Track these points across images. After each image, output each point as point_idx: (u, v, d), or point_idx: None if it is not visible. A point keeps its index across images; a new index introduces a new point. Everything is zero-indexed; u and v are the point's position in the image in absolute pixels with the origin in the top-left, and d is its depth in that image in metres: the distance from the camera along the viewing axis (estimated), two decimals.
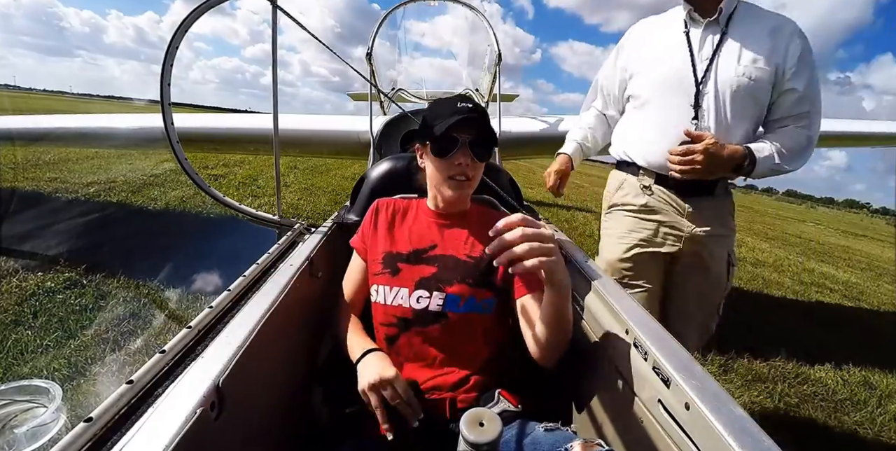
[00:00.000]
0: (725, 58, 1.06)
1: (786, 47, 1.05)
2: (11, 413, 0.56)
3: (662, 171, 1.13)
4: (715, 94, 1.07)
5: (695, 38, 1.10)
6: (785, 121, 1.11)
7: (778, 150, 1.07)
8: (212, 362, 0.51)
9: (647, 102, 1.17)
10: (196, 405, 0.44)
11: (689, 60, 1.08)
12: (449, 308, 0.83)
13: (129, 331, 1.95)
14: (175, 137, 1.17)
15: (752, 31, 1.07)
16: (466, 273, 0.86)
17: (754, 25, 1.08)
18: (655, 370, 0.61)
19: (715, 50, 1.07)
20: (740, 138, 1.09)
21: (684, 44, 1.10)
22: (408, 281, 0.86)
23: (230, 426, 0.51)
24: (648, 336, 0.66)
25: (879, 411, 2.05)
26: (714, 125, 1.07)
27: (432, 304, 0.83)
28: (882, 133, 2.95)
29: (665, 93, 1.12)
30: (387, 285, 0.86)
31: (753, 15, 1.09)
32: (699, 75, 1.07)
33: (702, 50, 1.08)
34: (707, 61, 1.07)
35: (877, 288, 5.13)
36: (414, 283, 0.85)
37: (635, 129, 1.21)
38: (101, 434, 0.46)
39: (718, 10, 1.08)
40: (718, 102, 1.06)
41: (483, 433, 0.44)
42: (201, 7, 1.14)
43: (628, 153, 1.21)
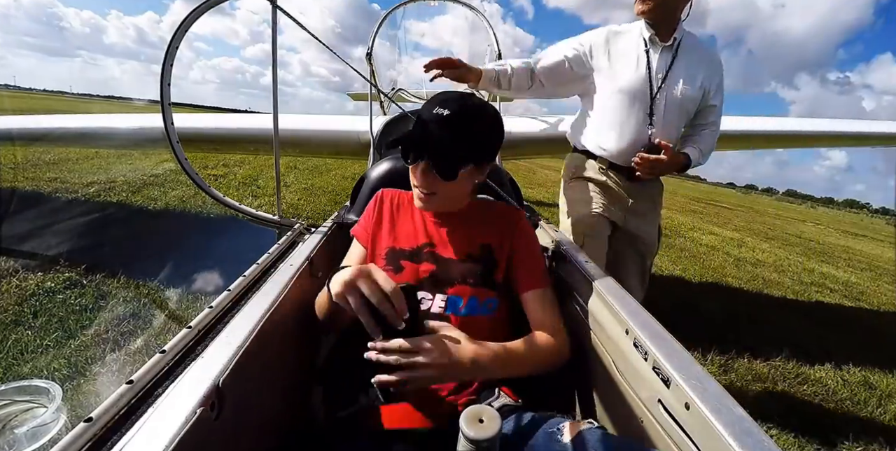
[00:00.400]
0: (674, 79, 1.36)
1: (713, 75, 1.41)
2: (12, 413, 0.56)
3: (616, 161, 1.42)
4: (664, 105, 1.36)
5: (653, 58, 1.37)
6: (704, 126, 1.49)
7: (700, 151, 1.44)
8: (212, 362, 0.51)
9: (608, 105, 1.41)
10: (196, 405, 0.44)
11: (647, 77, 1.36)
12: (451, 311, 0.81)
13: (129, 331, 1.95)
14: (175, 137, 1.17)
15: (694, 60, 1.39)
16: (466, 273, 0.84)
17: (695, 55, 1.40)
18: (655, 370, 0.61)
19: (668, 71, 1.36)
20: (675, 137, 1.44)
21: (645, 61, 1.37)
22: (410, 280, 0.83)
23: (230, 426, 0.51)
24: (648, 336, 0.66)
25: (879, 411, 2.05)
26: (662, 129, 1.37)
27: (434, 306, 0.81)
28: (882, 133, 2.95)
29: (626, 100, 1.37)
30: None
31: (694, 45, 1.41)
32: (654, 90, 1.36)
33: (658, 69, 1.36)
34: (661, 80, 1.36)
35: (877, 288, 5.13)
36: (416, 282, 0.83)
37: (598, 126, 1.45)
38: (101, 434, 0.46)
39: (673, 38, 1.37)
40: (666, 112, 1.37)
41: (483, 430, 0.45)
42: (201, 7, 1.14)
43: (588, 144, 1.47)
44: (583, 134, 1.50)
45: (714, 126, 1.49)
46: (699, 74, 1.38)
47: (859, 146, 3.40)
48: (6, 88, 74.64)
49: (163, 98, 1.12)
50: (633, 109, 1.37)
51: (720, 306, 3.35)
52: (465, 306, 0.82)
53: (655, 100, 1.35)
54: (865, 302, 4.28)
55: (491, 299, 0.84)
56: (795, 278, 4.91)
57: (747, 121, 3.06)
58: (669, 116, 1.38)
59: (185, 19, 1.13)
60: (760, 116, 6.68)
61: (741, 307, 3.43)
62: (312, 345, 0.95)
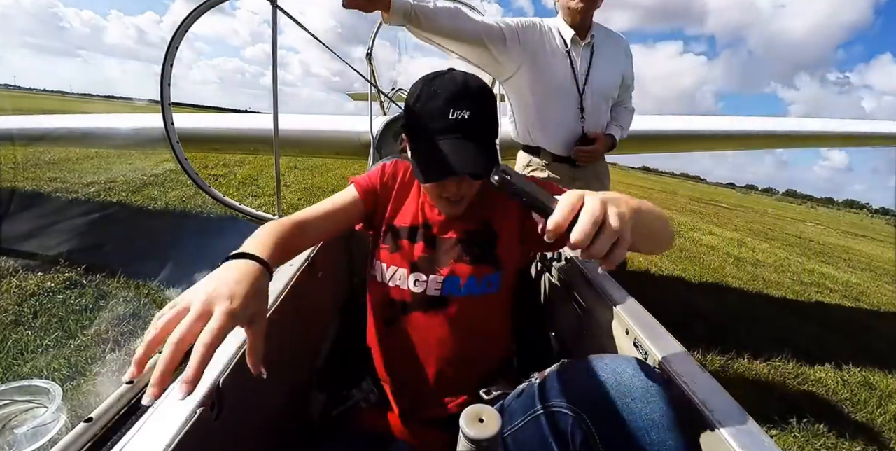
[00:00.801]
0: (597, 73, 1.49)
1: (626, 62, 1.57)
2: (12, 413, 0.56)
3: (560, 153, 1.54)
4: (592, 98, 1.49)
5: (576, 57, 1.47)
6: (621, 103, 1.65)
7: (622, 128, 1.61)
8: (212, 363, 0.51)
9: (543, 104, 1.51)
10: (196, 405, 0.44)
11: (572, 75, 1.46)
12: (449, 291, 0.78)
13: (129, 331, 1.95)
14: (175, 137, 1.17)
15: (608, 51, 1.52)
16: (463, 251, 0.80)
17: (609, 47, 1.52)
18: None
19: (589, 67, 1.48)
20: (604, 123, 1.58)
21: (567, 60, 1.47)
22: (405, 261, 0.81)
23: (230, 426, 0.51)
24: (648, 336, 0.66)
25: (879, 411, 2.05)
26: (593, 120, 1.51)
27: (430, 288, 0.78)
28: (882, 133, 2.95)
29: (559, 98, 1.48)
30: (385, 263, 0.81)
31: (606, 36, 1.52)
32: (582, 87, 1.48)
33: (581, 67, 1.48)
34: (585, 75, 1.48)
35: (877, 288, 5.13)
36: (410, 263, 0.80)
37: (536, 124, 1.55)
38: (101, 434, 0.46)
39: (591, 35, 1.48)
40: (594, 104, 1.50)
41: (483, 429, 0.44)
42: (201, 7, 1.14)
43: (531, 141, 1.58)
44: (525, 132, 1.60)
45: (629, 103, 1.68)
46: (616, 64, 1.54)
47: (859, 146, 3.40)
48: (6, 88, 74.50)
49: (163, 98, 1.12)
50: (566, 106, 1.48)
51: (720, 306, 3.35)
52: (463, 286, 0.79)
53: (584, 95, 1.48)
54: (865, 302, 4.28)
55: (490, 276, 0.80)
56: (795, 279, 4.91)
57: (747, 121, 3.06)
58: (598, 107, 1.52)
59: (185, 19, 1.13)
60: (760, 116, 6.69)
61: (741, 307, 3.43)
62: (312, 345, 0.95)
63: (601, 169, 1.67)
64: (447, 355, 0.79)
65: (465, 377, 0.80)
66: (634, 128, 1.73)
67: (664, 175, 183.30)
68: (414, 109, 0.74)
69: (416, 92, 0.74)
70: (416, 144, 0.76)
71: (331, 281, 0.99)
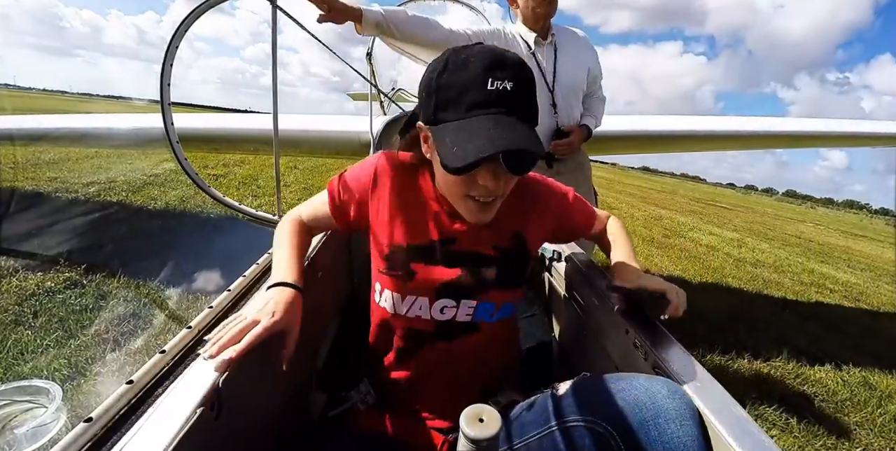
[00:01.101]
0: (563, 70, 1.55)
1: (591, 55, 1.63)
2: (11, 414, 0.56)
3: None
4: (562, 93, 1.55)
5: (540, 57, 1.53)
6: (592, 94, 1.70)
7: (595, 118, 1.67)
8: (212, 363, 0.51)
9: None
10: (196, 405, 0.44)
11: (540, 74, 1.52)
12: (480, 318, 0.71)
13: (130, 331, 1.95)
14: (175, 137, 1.17)
15: (571, 48, 1.57)
16: (498, 274, 0.71)
17: (570, 42, 1.58)
18: (656, 370, 0.61)
19: (555, 64, 1.55)
20: (577, 115, 1.63)
21: (534, 61, 1.52)
22: (427, 288, 0.69)
23: (230, 426, 0.51)
24: (648, 336, 0.66)
25: (879, 411, 2.05)
26: (566, 115, 1.58)
27: (460, 314, 0.70)
28: (882, 133, 2.95)
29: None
30: (397, 293, 0.70)
31: (565, 34, 1.59)
32: (550, 83, 1.54)
33: (547, 66, 1.54)
34: (552, 73, 1.54)
35: (876, 289, 5.13)
36: (434, 291, 0.69)
37: None
38: (101, 434, 0.46)
39: (551, 34, 1.55)
40: (565, 98, 1.56)
41: (483, 429, 0.44)
42: (201, 7, 1.14)
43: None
44: None
45: (599, 93, 1.73)
46: (580, 58, 1.60)
47: (859, 146, 3.40)
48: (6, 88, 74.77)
49: (163, 98, 1.12)
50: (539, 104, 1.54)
51: (720, 306, 3.35)
52: (497, 312, 0.73)
53: (554, 92, 1.55)
54: (865, 303, 4.28)
55: (520, 298, 0.76)
56: (795, 279, 4.91)
57: (747, 121, 3.06)
58: (568, 101, 1.59)
59: (185, 19, 1.13)
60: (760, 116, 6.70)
61: (741, 307, 3.43)
62: (312, 345, 0.95)
63: (581, 159, 1.74)
64: (459, 369, 0.75)
65: (472, 384, 0.77)
66: (634, 128, 1.76)
67: (664, 175, 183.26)
68: (438, 83, 0.59)
69: (440, 65, 0.60)
70: (441, 127, 0.59)
71: (331, 281, 0.99)
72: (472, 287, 0.70)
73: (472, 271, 0.70)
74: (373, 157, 0.75)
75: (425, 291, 0.69)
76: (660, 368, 0.60)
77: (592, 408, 0.55)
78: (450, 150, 0.56)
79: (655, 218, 8.70)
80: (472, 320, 0.71)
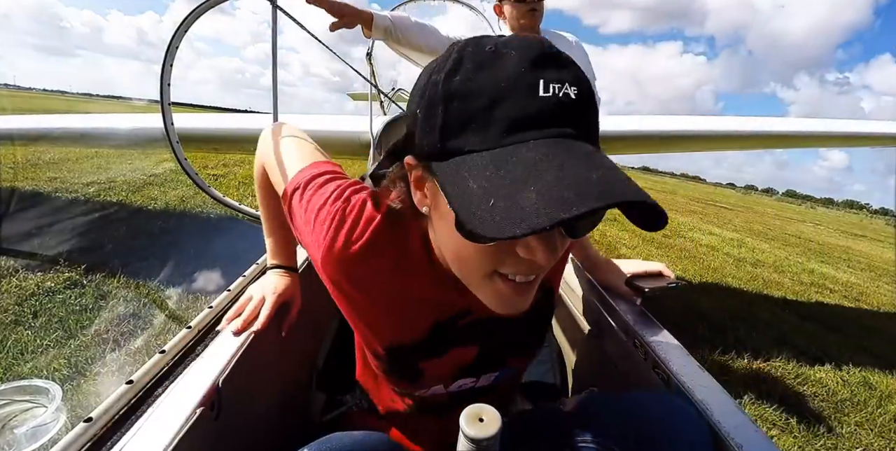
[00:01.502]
0: None
1: (580, 55, 1.58)
2: (11, 413, 0.56)
3: None
4: None
5: None
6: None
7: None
8: (212, 363, 0.51)
9: None
10: (196, 405, 0.44)
11: None
12: (501, 380, 0.65)
13: (129, 331, 1.95)
14: (175, 138, 1.17)
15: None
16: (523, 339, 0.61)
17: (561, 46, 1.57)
18: (656, 371, 0.61)
19: None
20: None
21: None
22: (441, 377, 0.59)
23: (230, 426, 0.51)
24: (648, 336, 0.66)
25: (879, 411, 2.05)
26: None
27: (480, 383, 0.64)
28: (882, 133, 2.95)
29: None
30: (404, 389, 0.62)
31: (554, 38, 1.57)
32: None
33: None
34: None
35: (876, 289, 5.13)
36: (450, 376, 0.60)
37: None
38: (101, 434, 0.46)
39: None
40: None
41: (483, 429, 0.44)
42: (201, 7, 1.14)
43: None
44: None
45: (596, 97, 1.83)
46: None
47: (859, 146, 3.40)
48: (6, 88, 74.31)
49: (163, 98, 1.12)
50: None
51: (720, 306, 3.35)
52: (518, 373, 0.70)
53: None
54: (865, 303, 4.28)
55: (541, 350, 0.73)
56: (795, 279, 4.91)
57: (747, 121, 3.06)
58: None
59: (185, 19, 1.13)
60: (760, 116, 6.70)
61: (741, 307, 3.43)
62: (312, 345, 0.95)
63: None
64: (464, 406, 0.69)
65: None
66: (634, 128, 1.74)
67: (664, 175, 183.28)
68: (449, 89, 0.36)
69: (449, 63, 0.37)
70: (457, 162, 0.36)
71: None
72: (492, 360, 0.60)
73: (493, 345, 0.58)
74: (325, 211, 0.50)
75: (439, 380, 0.59)
76: (659, 368, 0.60)
77: (604, 430, 0.52)
78: (481, 204, 0.32)
79: None
80: (491, 383, 0.64)
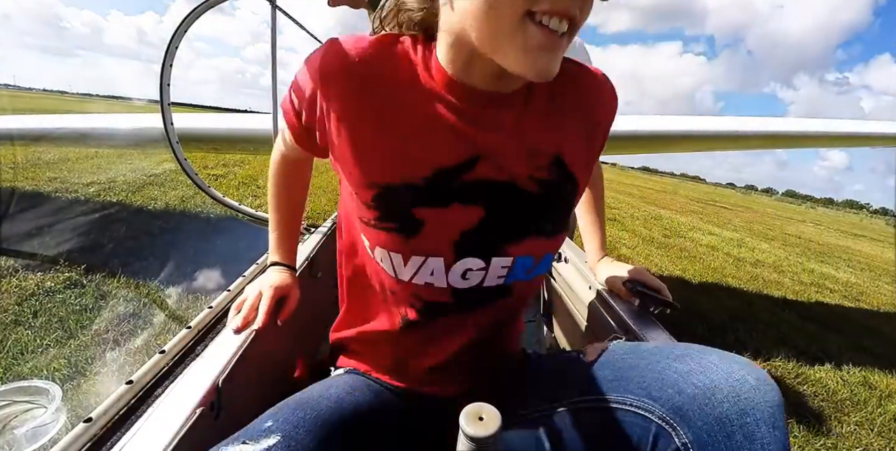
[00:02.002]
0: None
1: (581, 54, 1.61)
2: (11, 414, 0.56)
3: None
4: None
5: None
6: None
7: None
8: (212, 363, 0.51)
9: None
10: (196, 405, 0.44)
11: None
12: (515, 277, 0.51)
13: (129, 331, 1.95)
14: (175, 138, 1.17)
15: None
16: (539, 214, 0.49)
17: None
18: None
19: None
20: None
21: None
22: (439, 242, 0.47)
23: (230, 426, 0.51)
24: (648, 336, 0.66)
25: (879, 411, 2.05)
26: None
27: (489, 278, 0.49)
28: (882, 133, 2.95)
29: None
30: (398, 253, 0.48)
31: None
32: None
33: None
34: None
35: (876, 288, 5.13)
36: (452, 244, 0.47)
37: None
38: (101, 435, 0.46)
39: None
40: None
41: (483, 428, 0.44)
42: (201, 7, 1.14)
43: None
44: None
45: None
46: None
47: (859, 146, 3.40)
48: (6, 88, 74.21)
49: (162, 98, 1.12)
50: None
51: (720, 306, 3.35)
52: (536, 267, 0.52)
53: None
54: (865, 302, 4.28)
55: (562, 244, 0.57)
56: (795, 279, 4.91)
57: (747, 121, 3.06)
58: None
59: (185, 19, 1.13)
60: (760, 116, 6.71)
61: (741, 307, 3.43)
62: (312, 345, 0.95)
63: None
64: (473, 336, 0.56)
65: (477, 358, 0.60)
66: (634, 128, 1.74)
67: (664, 175, 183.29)
68: None
69: None
70: None
71: (331, 281, 0.99)
72: (503, 235, 0.48)
73: (502, 212, 0.47)
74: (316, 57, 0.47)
75: (438, 245, 0.47)
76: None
77: (643, 387, 0.42)
78: None
79: (655, 218, 8.70)
80: (504, 283, 0.51)
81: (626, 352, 0.49)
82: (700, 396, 0.39)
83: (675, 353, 0.44)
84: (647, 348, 0.48)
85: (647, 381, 0.43)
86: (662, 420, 0.41)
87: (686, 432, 0.39)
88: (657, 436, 0.41)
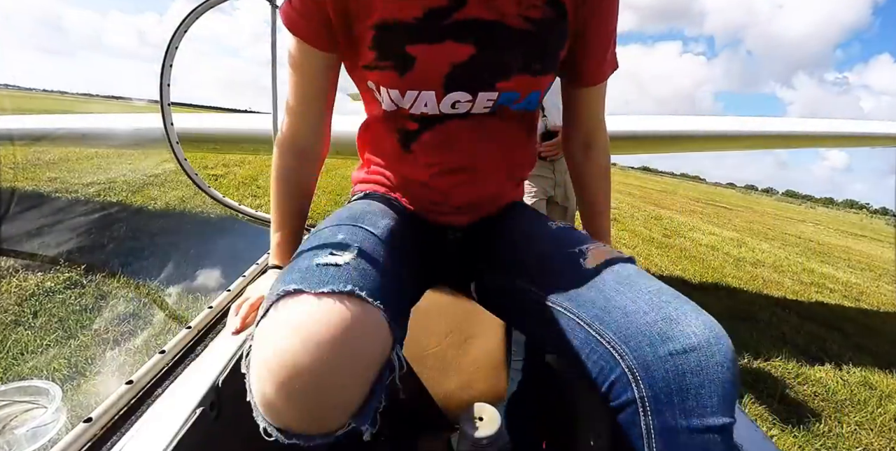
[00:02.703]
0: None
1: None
2: (11, 414, 0.56)
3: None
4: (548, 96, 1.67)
5: None
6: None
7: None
8: (212, 363, 0.51)
9: None
10: (196, 405, 0.44)
11: None
12: (502, 103, 0.57)
13: (129, 331, 1.95)
14: (175, 138, 1.17)
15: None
16: (529, 51, 0.53)
17: None
18: None
19: None
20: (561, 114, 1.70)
21: None
22: (431, 78, 0.53)
23: (230, 426, 0.51)
24: None
25: (879, 411, 2.05)
26: (553, 116, 1.63)
27: (477, 107, 0.56)
28: (882, 133, 2.95)
29: None
30: (395, 89, 0.55)
31: None
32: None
33: None
34: None
35: (876, 288, 5.13)
36: (442, 78, 0.53)
37: None
38: (101, 435, 0.46)
39: None
40: (551, 101, 1.59)
41: (483, 428, 0.45)
42: (201, 7, 1.14)
43: None
44: None
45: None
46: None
47: (859, 146, 3.40)
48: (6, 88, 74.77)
49: (162, 98, 1.12)
50: None
51: (720, 306, 3.35)
52: (523, 100, 0.58)
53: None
54: (865, 302, 4.28)
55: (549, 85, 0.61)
56: (795, 279, 4.91)
57: (747, 121, 3.06)
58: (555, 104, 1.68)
59: (185, 19, 1.13)
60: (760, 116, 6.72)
61: (741, 307, 3.43)
62: None
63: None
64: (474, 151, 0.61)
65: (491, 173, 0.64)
66: (634, 128, 1.76)
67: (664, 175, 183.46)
68: None
69: None
70: None
71: None
72: (491, 71, 0.53)
73: (492, 49, 0.52)
74: None
75: (430, 81, 0.53)
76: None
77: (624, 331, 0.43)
78: None
79: (655, 218, 8.70)
80: (490, 111, 0.58)
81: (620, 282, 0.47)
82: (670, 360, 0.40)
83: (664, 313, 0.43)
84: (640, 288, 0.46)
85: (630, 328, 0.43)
86: (629, 370, 0.42)
87: (646, 389, 0.41)
88: (616, 381, 0.43)
